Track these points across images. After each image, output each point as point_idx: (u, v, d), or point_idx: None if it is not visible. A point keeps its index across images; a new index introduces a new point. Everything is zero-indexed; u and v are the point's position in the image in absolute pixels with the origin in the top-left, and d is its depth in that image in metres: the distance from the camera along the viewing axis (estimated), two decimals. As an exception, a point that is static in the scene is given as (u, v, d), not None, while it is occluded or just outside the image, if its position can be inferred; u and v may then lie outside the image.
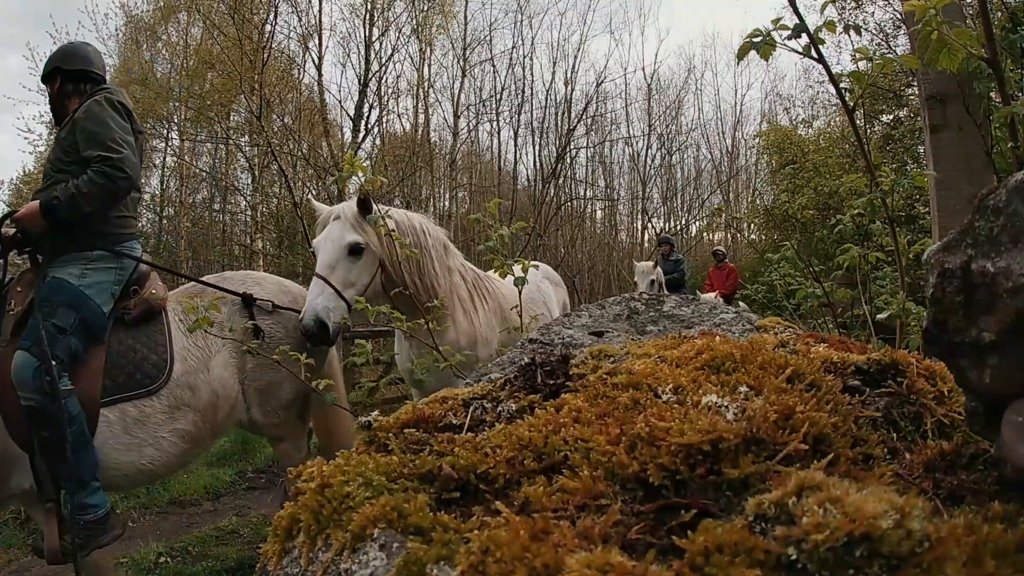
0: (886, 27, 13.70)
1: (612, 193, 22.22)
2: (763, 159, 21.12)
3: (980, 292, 0.61)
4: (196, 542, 4.47)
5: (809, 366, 0.90)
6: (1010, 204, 0.60)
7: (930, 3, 1.56)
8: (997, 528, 0.53)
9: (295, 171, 14.35)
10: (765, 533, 0.53)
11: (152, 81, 15.58)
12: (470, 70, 19.04)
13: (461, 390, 1.02)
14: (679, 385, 0.87)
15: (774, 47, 1.82)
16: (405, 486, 0.72)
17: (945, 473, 0.71)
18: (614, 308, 1.52)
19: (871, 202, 2.18)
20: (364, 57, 16.22)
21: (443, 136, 19.40)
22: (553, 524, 0.60)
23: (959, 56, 1.63)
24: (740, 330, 1.34)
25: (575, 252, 18.85)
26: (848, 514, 0.49)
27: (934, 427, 0.83)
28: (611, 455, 0.71)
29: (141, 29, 16.96)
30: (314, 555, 0.70)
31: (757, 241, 17.19)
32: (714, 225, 20.57)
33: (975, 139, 3.34)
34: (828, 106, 17.12)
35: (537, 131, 19.40)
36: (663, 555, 0.56)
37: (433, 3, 17.15)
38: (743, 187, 23.90)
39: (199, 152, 17.96)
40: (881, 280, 3.93)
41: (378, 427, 0.88)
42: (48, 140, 16.05)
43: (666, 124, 21.98)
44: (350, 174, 2.65)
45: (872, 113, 13.71)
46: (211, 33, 14.81)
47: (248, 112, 14.03)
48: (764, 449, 0.69)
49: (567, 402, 0.88)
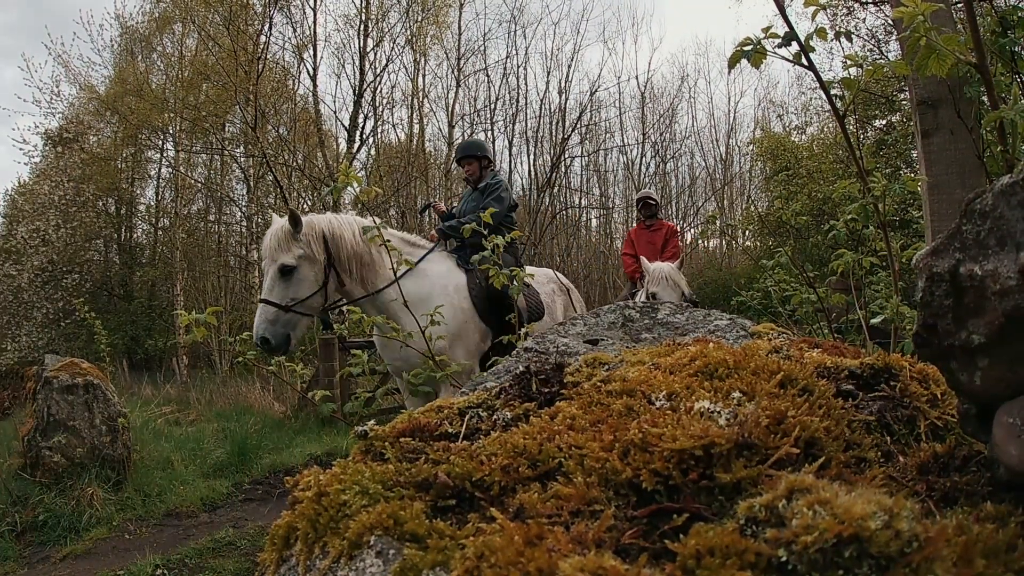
0: (877, 32, 13.77)
1: (607, 201, 22.26)
2: (757, 166, 21.20)
3: (969, 295, 0.62)
4: (193, 554, 4.44)
5: (802, 371, 0.91)
6: (996, 208, 0.60)
7: (918, 9, 1.58)
8: (988, 528, 0.54)
9: (290, 182, 14.36)
10: (756, 536, 0.53)
11: (147, 92, 15.58)
12: (464, 80, 19.11)
13: (457, 399, 1.02)
14: (672, 391, 0.87)
15: (765, 55, 1.83)
16: (401, 494, 0.72)
17: (938, 475, 0.72)
18: (609, 316, 1.52)
19: (864, 207, 2.19)
20: (359, 68, 16.25)
21: (438, 146, 19.45)
22: (547, 530, 0.60)
23: (948, 61, 1.65)
24: (734, 336, 1.35)
25: (571, 261, 18.87)
26: (837, 516, 0.50)
27: (927, 430, 0.83)
28: (605, 461, 0.71)
29: (136, 40, 17.00)
30: (311, 563, 0.70)
31: (752, 248, 17.22)
32: (709, 232, 20.60)
33: (967, 143, 3.35)
34: (821, 112, 17.17)
35: (532, 140, 19.46)
36: (656, 559, 0.56)
37: (427, 14, 17.19)
38: (737, 194, 23.95)
39: (194, 163, 17.97)
40: (875, 285, 3.95)
41: (374, 436, 0.88)
42: (43, 151, 16.07)
43: (660, 132, 22.06)
44: (345, 184, 2.66)
45: (865, 118, 13.76)
46: (206, 44, 14.83)
47: (243, 123, 14.05)
48: (756, 453, 0.69)
49: (562, 410, 0.88)
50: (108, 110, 16.10)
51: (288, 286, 3.79)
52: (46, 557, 4.36)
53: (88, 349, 12.07)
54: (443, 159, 18.53)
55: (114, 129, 16.89)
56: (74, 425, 5.22)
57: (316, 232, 3.88)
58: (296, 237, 3.80)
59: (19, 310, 14.18)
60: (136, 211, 18.11)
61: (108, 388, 5.57)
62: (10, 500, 4.81)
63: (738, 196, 23.92)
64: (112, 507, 5.05)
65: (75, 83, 16.84)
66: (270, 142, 14.01)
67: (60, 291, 14.37)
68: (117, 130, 16.73)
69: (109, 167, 16.31)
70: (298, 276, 3.80)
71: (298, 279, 3.80)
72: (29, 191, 15.57)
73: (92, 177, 15.66)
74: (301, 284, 3.81)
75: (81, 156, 15.73)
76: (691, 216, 22.38)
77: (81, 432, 5.24)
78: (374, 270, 4.08)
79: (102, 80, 17.10)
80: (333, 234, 3.94)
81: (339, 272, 3.97)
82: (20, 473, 5.04)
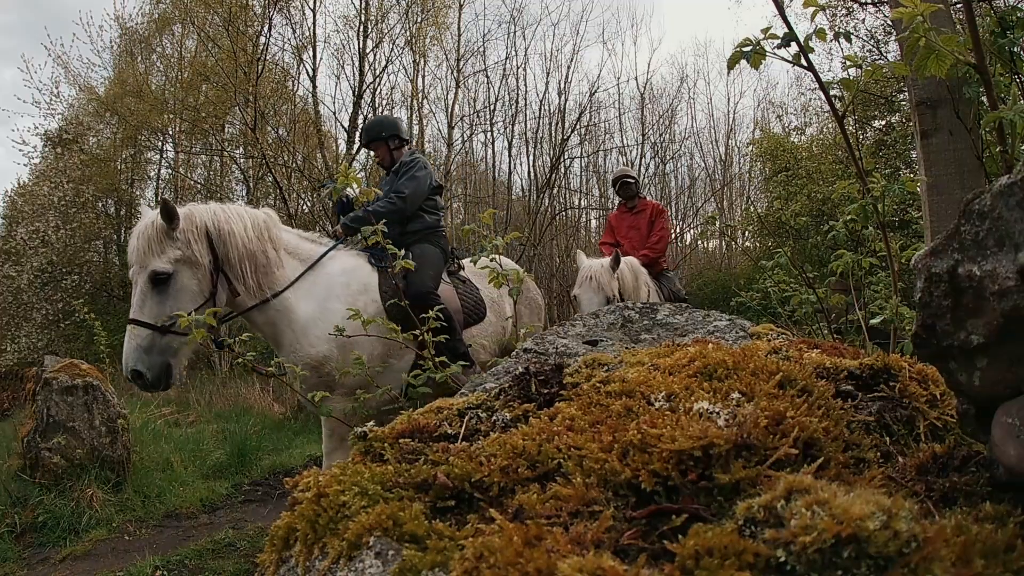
0: (877, 33, 13.77)
1: (606, 202, 22.25)
2: (756, 166, 21.18)
3: (968, 296, 0.62)
4: (192, 555, 4.44)
5: (801, 372, 0.91)
6: (995, 208, 0.61)
7: (917, 10, 1.58)
8: (987, 528, 0.54)
9: (290, 183, 14.34)
10: (755, 536, 0.53)
11: (147, 93, 15.58)
12: (464, 81, 19.08)
13: (456, 400, 1.02)
14: (672, 392, 0.87)
15: (764, 56, 1.83)
16: (400, 495, 0.72)
17: (938, 475, 0.72)
18: (608, 317, 1.52)
19: (863, 208, 2.19)
20: (359, 69, 16.24)
21: (437, 147, 19.42)
22: (546, 530, 0.60)
23: (947, 62, 1.65)
24: (733, 337, 1.35)
25: (570, 261, 18.84)
26: (836, 516, 0.50)
27: (927, 430, 0.83)
28: (604, 462, 0.71)
29: (136, 41, 16.98)
30: (311, 564, 0.70)
31: (751, 248, 17.22)
32: (709, 233, 20.60)
33: (966, 143, 3.35)
34: (820, 113, 17.18)
35: (531, 141, 19.43)
36: (655, 559, 0.56)
37: (427, 15, 17.19)
38: (737, 195, 23.92)
39: (194, 164, 17.96)
40: (875, 285, 3.95)
41: (373, 437, 0.89)
42: (43, 152, 16.06)
43: (659, 133, 22.02)
44: (345, 185, 2.66)
45: (864, 119, 13.76)
46: (206, 45, 14.82)
47: (243, 124, 14.04)
48: (755, 454, 0.69)
49: (561, 411, 0.88)
50: (107, 111, 16.09)
51: (164, 299, 3.06)
52: (46, 558, 4.36)
53: (88, 350, 12.04)
54: (443, 160, 18.51)
55: (113, 130, 16.88)
56: (74, 426, 5.21)
57: (197, 227, 3.17)
58: (172, 235, 3.09)
59: (19, 311, 14.16)
60: (136, 212, 18.03)
61: (108, 389, 5.57)
62: (10, 501, 4.81)
63: (737, 197, 23.90)
64: (112, 508, 5.05)
65: (74, 84, 16.85)
66: (269, 143, 14.00)
67: (60, 292, 14.34)
68: (117, 131, 16.72)
69: (109, 168, 16.29)
70: (176, 285, 3.07)
71: (177, 289, 3.07)
72: (28, 192, 15.54)
73: (91, 178, 15.64)
74: (181, 296, 3.08)
75: (80, 157, 15.71)
76: (691, 217, 22.37)
77: (81, 433, 5.23)
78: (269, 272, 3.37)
79: (101, 81, 17.11)
80: (219, 229, 3.22)
81: (229, 277, 3.24)
82: (20, 474, 5.03)
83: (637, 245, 6.14)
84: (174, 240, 3.08)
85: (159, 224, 3.08)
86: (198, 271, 3.12)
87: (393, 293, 3.52)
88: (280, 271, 3.40)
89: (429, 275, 3.81)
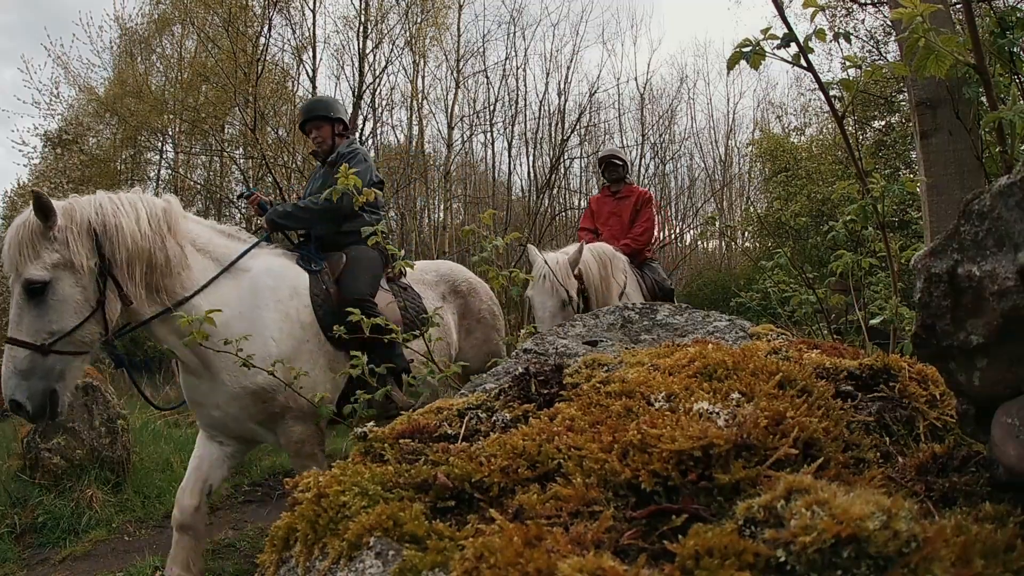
0: (876, 34, 13.77)
1: (606, 202, 22.18)
2: (756, 167, 21.19)
3: (967, 296, 0.62)
4: (193, 556, 4.44)
5: (801, 372, 0.91)
6: (994, 209, 0.61)
7: (917, 10, 1.58)
8: (986, 528, 0.54)
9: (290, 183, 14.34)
10: (755, 536, 0.53)
11: (147, 94, 15.58)
12: (464, 82, 19.07)
13: (456, 400, 1.02)
14: (672, 393, 0.87)
15: (764, 56, 1.83)
16: (400, 495, 0.73)
17: (937, 476, 0.72)
18: (608, 317, 1.52)
19: (863, 208, 2.19)
20: (358, 69, 16.23)
21: (437, 147, 19.42)
22: (546, 530, 0.61)
23: (947, 62, 1.65)
24: (733, 337, 1.35)
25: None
26: (835, 516, 0.50)
27: (926, 430, 0.83)
28: (604, 462, 0.71)
29: (136, 42, 16.97)
30: (311, 564, 0.70)
31: (751, 249, 17.22)
32: (708, 233, 20.60)
33: (966, 144, 3.35)
34: (820, 113, 17.18)
35: (531, 142, 19.43)
36: (655, 559, 0.56)
37: (426, 15, 17.19)
38: (736, 195, 23.93)
39: (194, 164, 17.96)
40: (875, 286, 3.95)
41: (374, 438, 0.89)
42: (43, 153, 16.06)
43: (659, 133, 22.02)
44: (344, 187, 2.65)
45: (863, 119, 13.76)
46: (205, 46, 14.82)
47: (243, 124, 14.04)
48: (755, 454, 0.69)
49: (561, 411, 0.88)
50: (107, 112, 16.08)
51: (43, 312, 2.56)
52: (45, 559, 4.36)
53: (87, 351, 12.03)
54: (442, 160, 18.52)
55: (113, 131, 16.86)
56: (73, 427, 5.21)
57: (78, 224, 2.67)
58: (49, 235, 2.58)
59: (18, 312, 14.14)
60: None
61: (107, 390, 5.57)
62: (9, 502, 4.80)
63: (737, 197, 23.91)
64: (111, 509, 5.04)
65: (74, 84, 16.83)
66: (269, 144, 14.00)
67: (59, 293, 14.33)
68: (116, 132, 16.71)
69: (108, 169, 16.28)
70: (56, 296, 2.57)
71: (57, 300, 2.58)
72: (28, 193, 15.55)
73: (91, 179, 15.62)
74: (62, 307, 2.58)
75: (80, 158, 15.71)
76: (690, 217, 22.37)
77: (80, 434, 5.23)
78: (170, 274, 2.88)
79: (101, 81, 17.09)
80: (105, 224, 2.73)
81: (119, 282, 2.74)
82: (19, 475, 5.03)
83: (617, 234, 5.60)
84: (51, 241, 2.59)
85: (33, 223, 2.58)
86: (81, 277, 2.63)
87: (324, 299, 3.22)
88: (186, 272, 2.93)
89: (365, 280, 3.45)
